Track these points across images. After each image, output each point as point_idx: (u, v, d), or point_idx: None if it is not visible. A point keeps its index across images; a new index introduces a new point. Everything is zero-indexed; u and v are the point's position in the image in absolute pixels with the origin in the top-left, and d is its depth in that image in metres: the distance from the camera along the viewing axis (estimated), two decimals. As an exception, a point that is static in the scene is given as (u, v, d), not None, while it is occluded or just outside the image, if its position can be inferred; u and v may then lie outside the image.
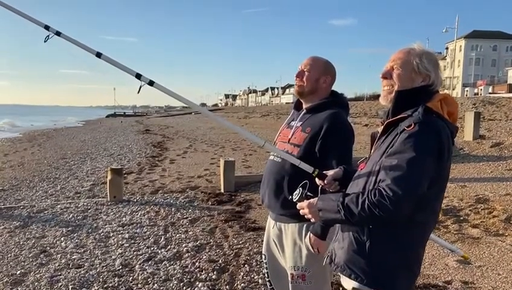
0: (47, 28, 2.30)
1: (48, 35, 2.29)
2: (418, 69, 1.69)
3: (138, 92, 2.12)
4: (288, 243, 2.30)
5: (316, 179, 1.94)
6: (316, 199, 1.73)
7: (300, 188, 1.79)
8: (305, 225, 2.18)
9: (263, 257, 2.54)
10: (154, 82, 2.15)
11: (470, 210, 5.60)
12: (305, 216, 1.76)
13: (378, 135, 1.74)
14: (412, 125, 1.56)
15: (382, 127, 1.72)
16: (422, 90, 1.69)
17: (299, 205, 1.78)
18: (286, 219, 2.28)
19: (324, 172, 1.94)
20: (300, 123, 2.32)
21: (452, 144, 1.66)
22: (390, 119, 1.68)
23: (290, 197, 1.83)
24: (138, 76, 2.15)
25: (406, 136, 1.56)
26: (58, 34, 2.29)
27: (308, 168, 1.99)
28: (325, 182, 1.91)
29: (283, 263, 2.40)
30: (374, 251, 1.62)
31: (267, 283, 2.53)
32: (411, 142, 1.54)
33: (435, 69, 1.72)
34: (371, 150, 1.78)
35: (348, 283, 1.72)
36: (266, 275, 2.53)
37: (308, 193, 1.77)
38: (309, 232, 2.12)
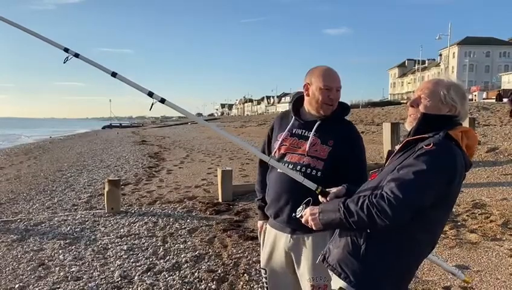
0: (66, 50, 2.41)
1: (67, 57, 2.40)
2: (445, 99, 1.75)
3: (150, 109, 2.27)
4: (309, 253, 2.23)
5: (319, 196, 1.94)
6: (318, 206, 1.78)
7: (304, 205, 1.84)
8: (328, 234, 2.11)
9: (262, 271, 2.46)
10: (165, 100, 2.25)
11: (467, 215, 5.63)
12: (308, 224, 1.78)
13: (396, 151, 1.79)
14: (431, 145, 1.61)
15: (401, 144, 1.76)
16: (447, 118, 1.74)
17: (302, 214, 1.82)
18: (307, 229, 2.14)
19: (327, 189, 1.94)
20: (318, 134, 2.25)
21: (463, 176, 1.69)
22: (411, 138, 1.73)
23: (294, 214, 1.86)
24: (150, 94, 2.27)
25: (422, 153, 1.61)
26: (76, 56, 2.41)
27: (311, 185, 1.99)
28: (328, 199, 1.91)
29: (289, 277, 2.33)
30: (368, 256, 1.66)
31: None
32: (425, 158, 1.58)
33: (462, 101, 1.77)
34: (385, 163, 1.83)
35: (336, 282, 1.76)
36: (267, 289, 2.45)
37: None
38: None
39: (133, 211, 6.61)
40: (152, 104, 2.24)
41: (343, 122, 2.33)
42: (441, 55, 78.27)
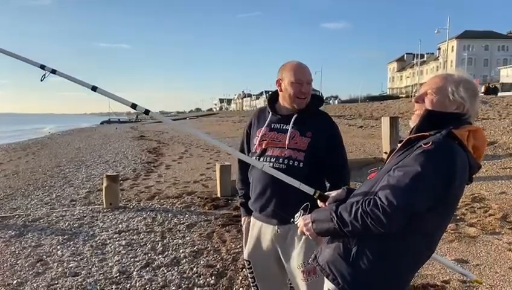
0: (42, 67, 2.37)
1: (44, 74, 2.35)
2: (453, 96, 1.63)
3: (135, 122, 2.29)
4: (296, 242, 2.28)
5: (318, 201, 1.90)
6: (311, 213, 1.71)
7: (302, 211, 1.77)
8: None
9: (246, 263, 2.53)
10: (149, 111, 2.28)
11: (466, 209, 5.63)
12: (304, 234, 1.73)
13: (396, 149, 1.71)
14: (430, 143, 1.51)
15: (403, 142, 1.69)
16: (453, 116, 1.63)
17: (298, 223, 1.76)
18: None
19: (326, 193, 1.90)
20: (296, 127, 2.32)
21: (469, 180, 1.62)
22: (412, 136, 1.64)
23: (292, 219, 1.81)
24: (134, 106, 2.28)
25: (420, 152, 1.52)
26: (53, 72, 2.37)
27: (308, 189, 1.97)
28: (327, 203, 1.84)
29: (273, 268, 2.40)
30: (358, 260, 1.59)
31: (252, 288, 2.54)
32: (422, 159, 1.49)
33: (471, 99, 1.65)
34: (386, 161, 1.76)
35: (326, 283, 1.72)
36: (252, 279, 2.51)
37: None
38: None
39: (131, 207, 6.60)
40: (137, 116, 2.32)
41: (319, 114, 2.41)
42: (439, 49, 78.21)
